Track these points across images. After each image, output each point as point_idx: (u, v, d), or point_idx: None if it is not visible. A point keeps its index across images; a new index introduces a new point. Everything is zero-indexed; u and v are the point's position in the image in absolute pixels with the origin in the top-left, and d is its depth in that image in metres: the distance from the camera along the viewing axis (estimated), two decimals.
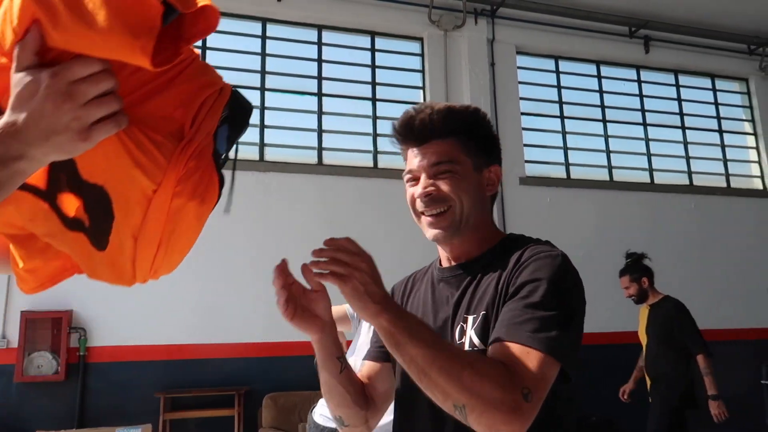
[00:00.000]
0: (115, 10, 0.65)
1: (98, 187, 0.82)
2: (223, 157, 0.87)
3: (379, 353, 1.32)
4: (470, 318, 1.13)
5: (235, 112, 0.90)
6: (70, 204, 0.84)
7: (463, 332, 1.13)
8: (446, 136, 1.19)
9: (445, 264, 1.27)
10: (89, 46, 0.66)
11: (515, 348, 0.98)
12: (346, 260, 0.97)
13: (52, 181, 0.80)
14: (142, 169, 0.78)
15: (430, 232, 1.19)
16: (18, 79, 0.66)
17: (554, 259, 1.11)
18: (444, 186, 1.16)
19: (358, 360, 1.51)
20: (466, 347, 1.10)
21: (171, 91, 0.81)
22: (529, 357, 0.96)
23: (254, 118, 5.82)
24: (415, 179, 1.21)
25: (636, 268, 4.57)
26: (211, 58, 5.86)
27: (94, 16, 0.65)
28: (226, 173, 0.88)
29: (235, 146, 0.90)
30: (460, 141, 1.19)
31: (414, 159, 1.21)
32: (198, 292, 5.18)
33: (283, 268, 1.10)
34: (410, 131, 1.21)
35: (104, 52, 0.67)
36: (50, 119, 0.65)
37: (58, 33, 0.66)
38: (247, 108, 0.93)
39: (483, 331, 1.09)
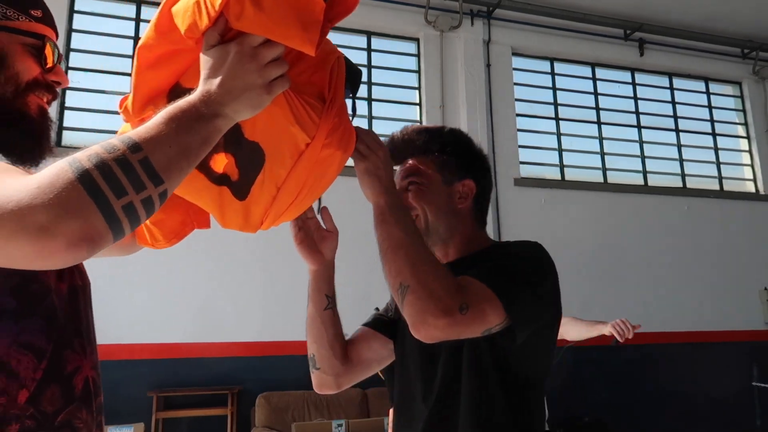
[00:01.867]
0: (289, 4, 0.83)
1: (255, 144, 0.99)
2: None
3: (378, 322, 1.39)
4: None
5: (352, 75, 1.08)
6: (220, 162, 1.02)
7: None
8: (420, 154, 1.31)
9: None
10: (266, 32, 0.83)
11: (475, 282, 1.07)
12: (368, 143, 1.11)
13: None
14: (301, 125, 0.96)
15: None
16: (209, 55, 0.83)
17: (531, 244, 1.23)
18: (409, 196, 1.27)
19: None
20: None
21: (306, 59, 0.97)
22: (482, 290, 1.05)
23: None
24: None
25: None
26: None
27: (274, 9, 0.82)
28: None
29: (353, 102, 1.10)
30: (432, 158, 1.31)
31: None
32: (191, 291, 5.17)
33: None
34: (392, 152, 1.30)
35: (279, 39, 0.84)
36: (240, 79, 0.81)
37: (241, 21, 0.82)
38: (358, 71, 1.09)
39: None
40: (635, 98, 7.29)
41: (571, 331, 3.47)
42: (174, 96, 0.91)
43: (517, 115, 6.61)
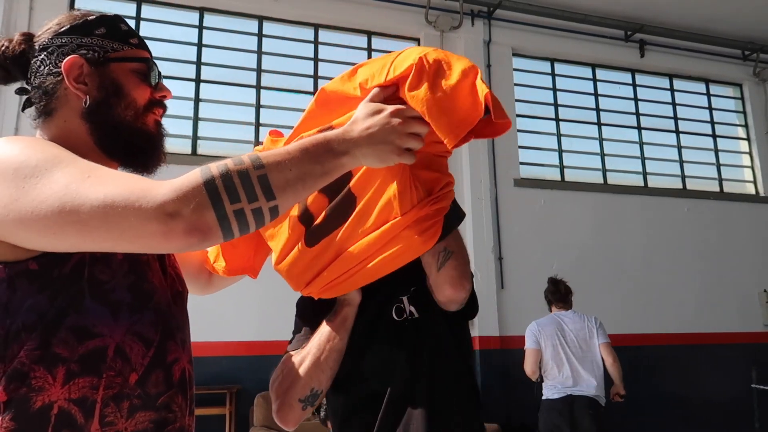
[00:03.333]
0: (457, 102, 0.97)
1: (354, 196, 1.11)
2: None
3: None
4: (405, 298, 1.30)
5: (455, 210, 1.17)
6: (315, 200, 1.13)
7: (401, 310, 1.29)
8: None
9: None
10: (426, 111, 0.96)
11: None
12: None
13: None
14: (400, 198, 1.06)
15: None
16: (368, 104, 1.00)
17: None
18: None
19: None
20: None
21: (435, 161, 1.12)
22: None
23: (249, 115, 5.82)
24: None
25: None
26: (209, 55, 5.85)
27: (443, 98, 0.96)
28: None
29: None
30: None
31: None
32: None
33: None
34: None
35: (432, 121, 0.96)
36: (383, 132, 0.95)
37: (412, 94, 0.97)
38: (462, 215, 1.20)
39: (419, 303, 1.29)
40: (635, 99, 7.28)
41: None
42: (321, 131, 1.06)
43: (517, 115, 6.60)
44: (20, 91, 1.05)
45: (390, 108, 0.98)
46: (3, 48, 0.99)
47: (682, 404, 6.01)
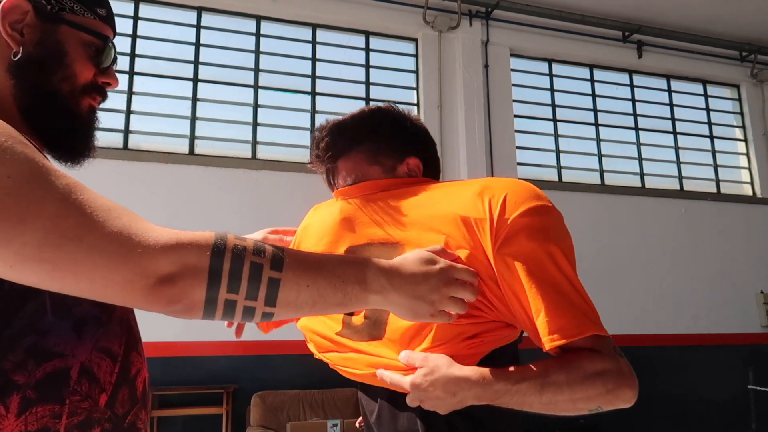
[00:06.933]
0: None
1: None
2: None
3: None
4: None
5: None
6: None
7: None
8: (348, 152, 1.19)
9: None
10: (469, 275, 0.93)
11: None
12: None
13: None
14: (424, 335, 1.00)
15: None
16: (423, 253, 0.90)
17: None
18: None
19: None
20: None
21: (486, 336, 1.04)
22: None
23: (247, 115, 5.81)
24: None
25: None
26: (206, 55, 5.84)
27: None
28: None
29: None
30: (362, 152, 1.19)
31: (332, 182, 1.26)
32: None
33: None
34: (317, 157, 1.23)
35: (468, 279, 0.92)
36: (425, 289, 0.86)
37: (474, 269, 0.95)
38: None
39: None
40: (633, 100, 7.29)
41: None
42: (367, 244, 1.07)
43: (515, 116, 6.61)
44: None
45: (443, 263, 0.89)
46: None
47: (679, 405, 6.02)
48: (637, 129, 7.19)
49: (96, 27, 0.88)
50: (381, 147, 1.18)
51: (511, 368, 0.96)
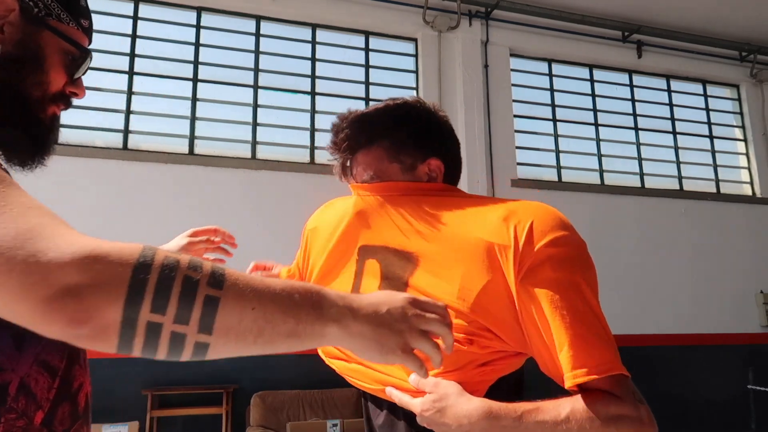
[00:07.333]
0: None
1: None
2: None
3: None
4: None
5: None
6: None
7: None
8: (369, 146, 1.15)
9: None
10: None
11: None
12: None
13: None
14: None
15: None
16: (392, 293, 0.78)
17: None
18: None
19: None
20: None
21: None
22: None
23: (247, 115, 5.81)
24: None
25: None
26: (205, 55, 5.84)
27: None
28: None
29: None
30: (383, 147, 1.14)
31: (347, 173, 1.21)
32: None
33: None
34: (336, 146, 1.18)
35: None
36: (389, 313, 0.74)
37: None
38: None
39: None
40: (633, 100, 7.29)
41: None
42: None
43: (515, 116, 6.61)
44: None
45: (408, 296, 0.78)
46: None
47: (679, 405, 6.02)
48: (636, 129, 7.19)
49: (77, 37, 0.87)
50: (404, 144, 1.14)
51: (521, 404, 0.94)
